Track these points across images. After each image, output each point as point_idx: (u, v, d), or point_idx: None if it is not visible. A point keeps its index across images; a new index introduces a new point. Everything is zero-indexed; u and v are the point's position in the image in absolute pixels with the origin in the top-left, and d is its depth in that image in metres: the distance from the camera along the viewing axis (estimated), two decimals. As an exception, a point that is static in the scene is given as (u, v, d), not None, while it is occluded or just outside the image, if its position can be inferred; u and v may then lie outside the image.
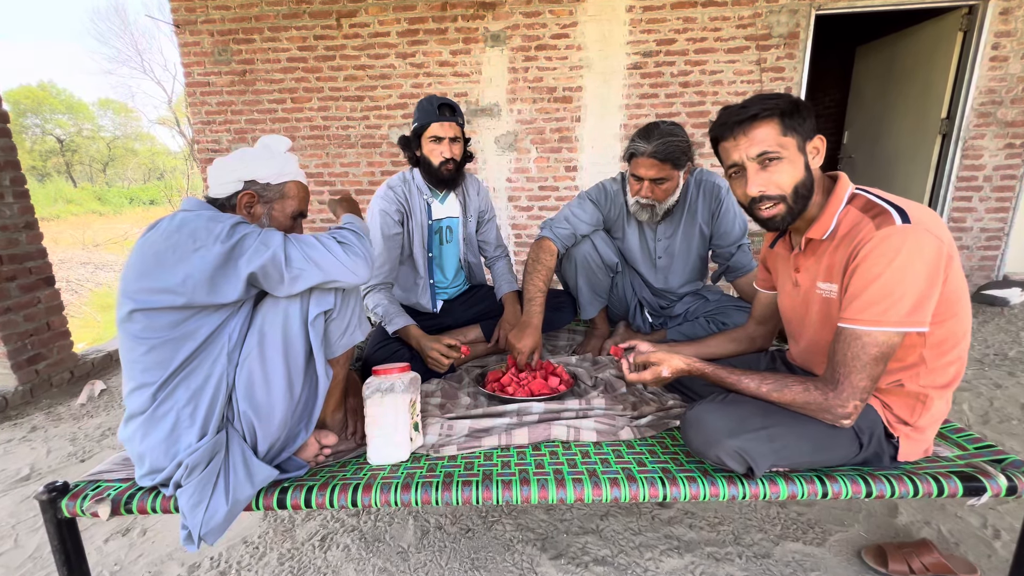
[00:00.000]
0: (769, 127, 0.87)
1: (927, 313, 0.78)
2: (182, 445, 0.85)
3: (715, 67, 3.37)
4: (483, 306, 1.79)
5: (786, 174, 0.87)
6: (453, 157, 1.53)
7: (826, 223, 0.89)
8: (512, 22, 3.44)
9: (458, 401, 1.30)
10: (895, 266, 0.76)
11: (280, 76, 3.68)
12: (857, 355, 0.79)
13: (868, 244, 0.79)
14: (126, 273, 0.85)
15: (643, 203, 1.48)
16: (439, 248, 1.71)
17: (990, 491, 0.84)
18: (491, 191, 3.78)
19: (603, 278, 1.64)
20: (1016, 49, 3.13)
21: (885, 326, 0.78)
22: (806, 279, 0.96)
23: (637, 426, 1.10)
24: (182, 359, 0.86)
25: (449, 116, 1.53)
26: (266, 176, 0.99)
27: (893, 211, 0.80)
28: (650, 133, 1.39)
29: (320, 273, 0.90)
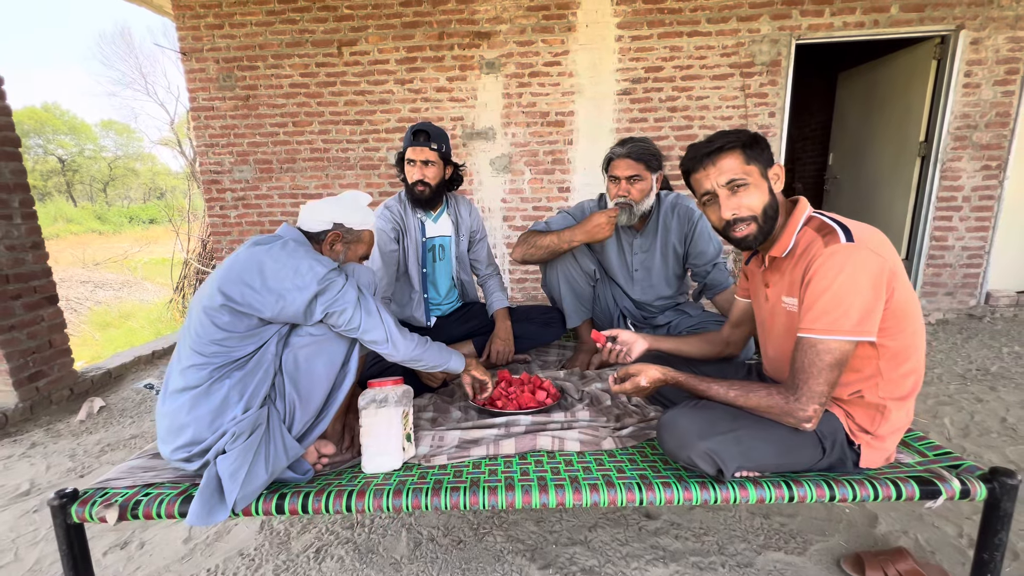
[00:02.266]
0: (733, 157, 0.96)
1: (874, 323, 0.85)
2: (227, 417, 0.94)
3: (701, 93, 3.51)
4: (475, 322, 1.85)
5: (754, 197, 0.96)
6: (423, 179, 1.62)
7: (786, 242, 0.98)
8: (506, 50, 3.58)
9: (449, 415, 1.36)
10: (841, 280, 0.84)
11: (282, 101, 3.81)
12: (813, 361, 0.86)
13: (818, 260, 0.88)
14: (230, 270, 0.99)
15: (621, 202, 1.59)
16: (432, 265, 1.79)
17: (945, 494, 0.90)
18: (486, 211, 3.87)
19: (584, 285, 1.72)
20: (987, 76, 3.28)
21: (837, 334, 0.85)
22: (773, 294, 1.04)
23: (619, 436, 1.16)
24: (247, 352, 0.99)
25: (422, 141, 1.62)
26: (351, 222, 1.19)
27: (840, 230, 0.88)
28: (624, 142, 1.57)
29: (368, 339, 1.07)
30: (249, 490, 0.90)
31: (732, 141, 0.96)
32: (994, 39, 3.22)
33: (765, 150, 0.97)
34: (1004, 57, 3.24)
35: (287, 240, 1.05)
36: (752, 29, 3.38)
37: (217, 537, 1.45)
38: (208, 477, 0.90)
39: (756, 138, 0.96)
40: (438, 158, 1.68)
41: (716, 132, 1.00)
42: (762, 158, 0.96)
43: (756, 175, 0.96)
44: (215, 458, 0.92)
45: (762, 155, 0.96)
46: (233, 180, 3.97)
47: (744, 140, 0.96)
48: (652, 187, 1.59)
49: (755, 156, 0.96)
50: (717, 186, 0.98)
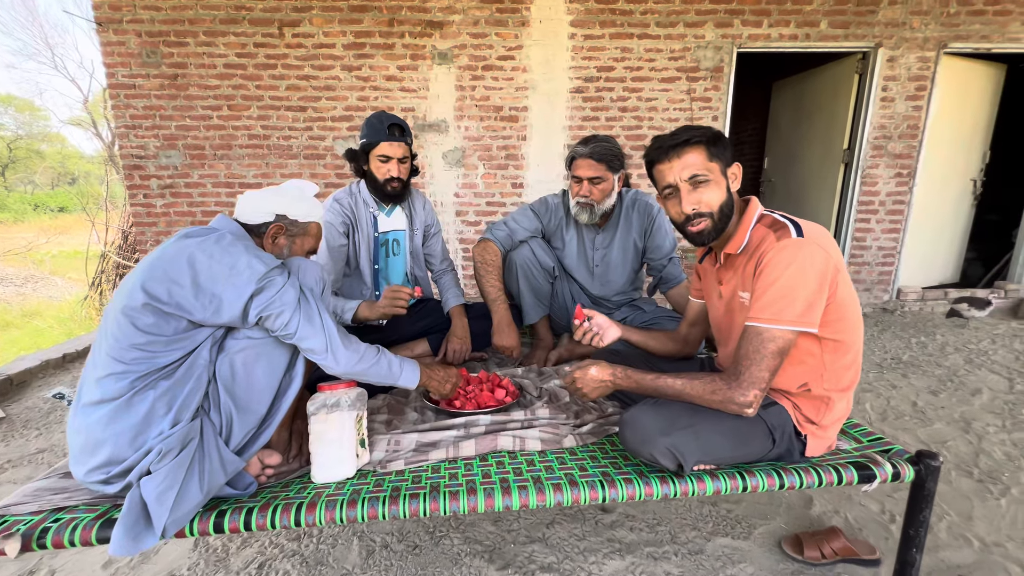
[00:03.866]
0: (698, 152, 0.98)
1: (816, 316, 0.90)
2: (152, 433, 0.84)
3: (650, 95, 3.61)
4: (430, 320, 1.80)
5: (713, 194, 0.99)
6: (399, 176, 1.56)
7: (740, 239, 1.01)
8: (459, 41, 3.51)
9: (405, 416, 1.30)
10: (789, 272, 0.89)
11: (216, 82, 3.53)
12: (757, 349, 0.90)
13: (769, 253, 0.92)
14: (156, 265, 0.88)
15: (583, 202, 1.59)
16: (385, 261, 1.71)
17: (879, 477, 0.97)
18: (439, 205, 3.79)
19: (543, 282, 1.71)
20: (901, 92, 3.60)
21: (782, 324, 0.89)
22: (728, 290, 1.07)
23: (579, 434, 1.16)
24: (175, 359, 0.89)
25: (399, 136, 1.55)
26: (296, 214, 1.09)
27: (791, 226, 0.93)
28: (588, 140, 1.56)
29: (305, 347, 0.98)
30: (180, 513, 0.81)
31: (697, 136, 0.98)
32: (906, 58, 3.54)
33: (727, 148, 0.99)
34: (915, 75, 3.57)
35: (223, 233, 0.95)
36: (698, 35, 3.52)
37: (143, 559, 1.31)
38: (131, 501, 0.80)
39: (719, 136, 0.99)
40: (410, 153, 1.62)
41: (682, 126, 1.01)
42: (724, 156, 0.99)
43: (717, 172, 0.99)
44: (139, 480, 0.82)
45: (724, 153, 0.99)
46: (159, 166, 3.64)
47: (708, 136, 0.98)
48: (614, 187, 1.61)
49: (717, 153, 0.98)
50: (680, 180, 0.99)
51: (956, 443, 1.99)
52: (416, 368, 1.15)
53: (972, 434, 2.06)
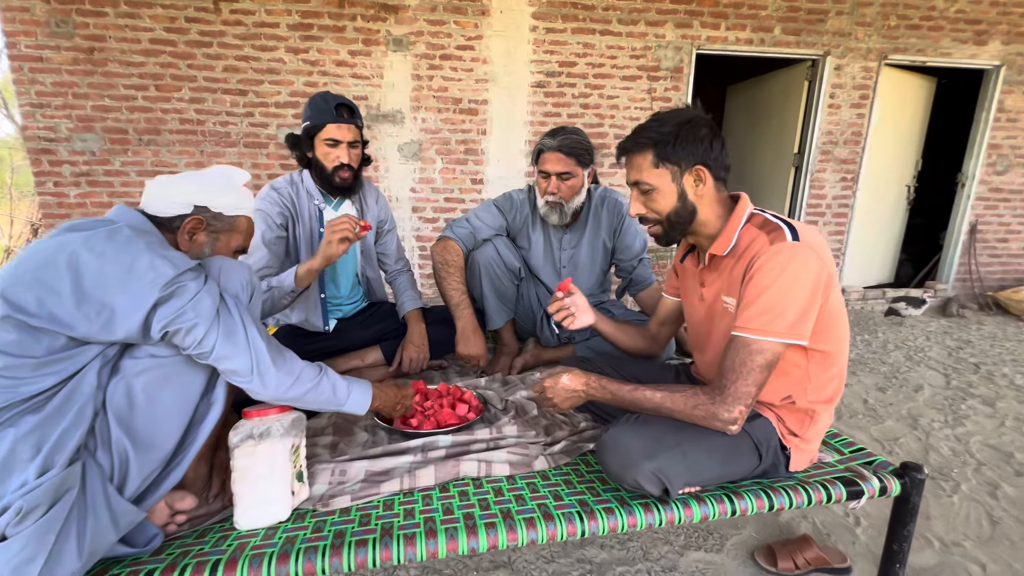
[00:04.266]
0: (642, 158, 0.93)
1: (807, 327, 0.84)
2: (12, 484, 0.65)
3: (612, 92, 3.57)
4: (384, 325, 1.64)
5: (658, 203, 0.95)
6: (350, 163, 1.39)
7: (727, 240, 0.93)
8: (416, 28, 3.33)
9: (354, 438, 1.14)
10: (783, 280, 0.82)
11: (141, 59, 3.17)
12: (744, 361, 0.82)
13: (763, 257, 0.85)
14: (22, 267, 0.69)
15: (552, 201, 1.48)
16: (332, 261, 1.54)
17: (866, 493, 0.92)
18: (394, 200, 3.59)
19: (508, 284, 1.60)
20: (846, 99, 3.75)
21: (771, 335, 0.82)
22: (711, 293, 1.00)
23: (551, 454, 1.05)
24: (46, 387, 0.69)
25: (348, 118, 1.38)
26: (220, 205, 0.93)
27: (786, 229, 0.86)
28: (556, 132, 1.46)
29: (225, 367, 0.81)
30: None
31: (644, 141, 0.92)
32: (852, 67, 3.68)
33: (688, 147, 0.91)
34: (859, 83, 3.72)
35: (119, 227, 0.76)
36: (659, 35, 3.50)
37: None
38: None
39: (676, 136, 0.90)
40: (360, 138, 1.45)
41: (649, 119, 0.94)
42: (678, 157, 0.91)
43: (666, 179, 0.93)
44: None
45: (679, 154, 0.91)
46: (73, 151, 3.23)
47: (658, 139, 0.91)
48: (583, 183, 1.51)
49: (668, 156, 0.91)
50: (629, 182, 0.97)
51: (907, 440, 2.05)
52: (366, 390, 0.99)
53: (920, 430, 2.13)
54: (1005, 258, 4.24)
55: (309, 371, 0.89)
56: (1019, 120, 3.93)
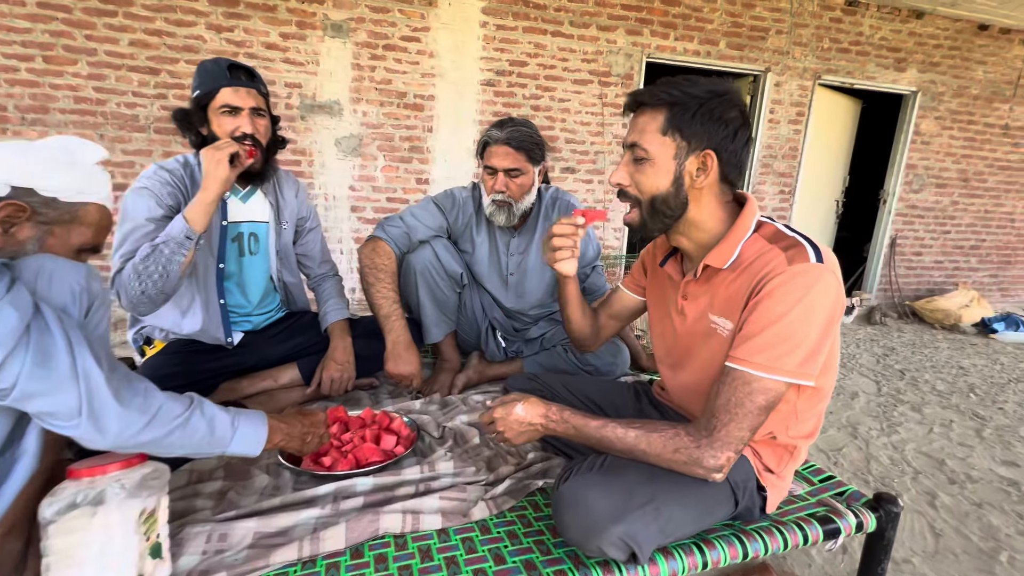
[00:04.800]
0: (651, 118, 0.77)
1: (816, 366, 0.71)
2: None
3: (563, 95, 3.49)
4: (303, 338, 1.41)
5: (647, 179, 0.79)
6: (254, 134, 1.16)
7: (728, 251, 0.79)
8: (356, 14, 3.09)
9: (250, 484, 0.92)
10: (800, 308, 0.68)
11: (26, 24, 2.71)
12: (741, 401, 0.69)
13: (778, 278, 0.70)
14: None
15: (499, 200, 1.32)
16: (238, 261, 1.29)
17: (843, 531, 0.82)
18: (331, 199, 3.31)
19: (448, 292, 1.42)
20: (784, 115, 3.89)
21: (776, 374, 0.69)
22: (694, 309, 0.85)
23: (493, 497, 0.88)
24: None
25: (245, 80, 1.16)
26: (54, 188, 0.70)
27: (808, 247, 0.72)
28: (504, 124, 1.31)
29: (36, 410, 0.59)
30: None
31: (662, 97, 0.75)
32: (790, 84, 3.83)
33: (705, 126, 0.74)
34: (796, 100, 3.87)
35: None
36: (610, 40, 3.47)
37: None
38: None
39: (703, 105, 0.74)
40: (266, 106, 1.22)
41: (682, 77, 0.78)
42: (690, 133, 0.75)
43: (666, 154, 0.76)
44: None
45: (693, 129, 0.75)
46: (-69, 127, 2.71)
47: (679, 100, 0.74)
48: (534, 182, 1.36)
49: (680, 127, 0.75)
50: (626, 144, 0.80)
51: (849, 450, 2.06)
52: (259, 425, 0.77)
53: (860, 439, 2.15)
54: (920, 270, 4.57)
55: (173, 406, 0.67)
56: (932, 143, 4.25)
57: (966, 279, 4.71)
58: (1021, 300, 5.02)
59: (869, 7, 3.81)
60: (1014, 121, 4.38)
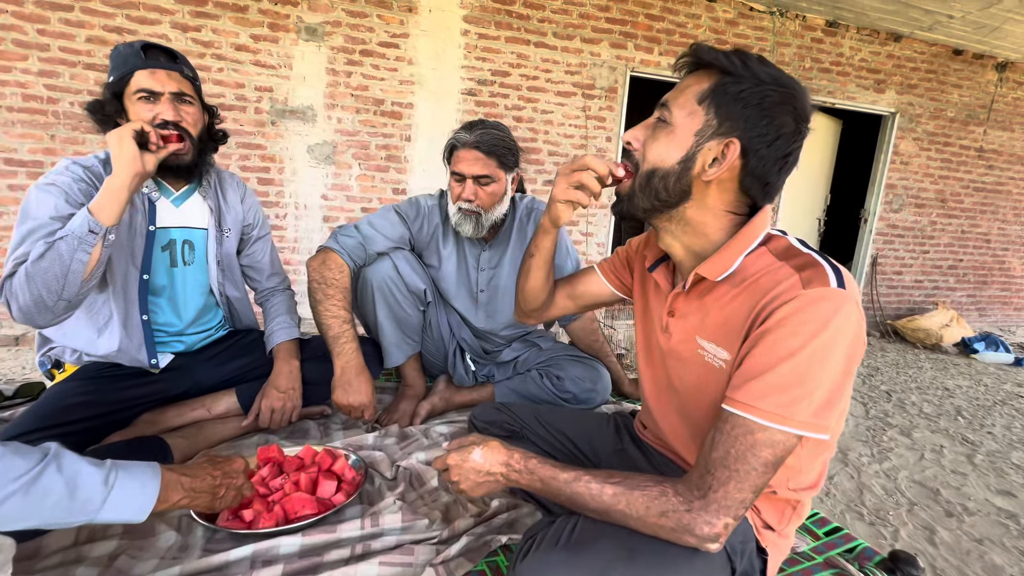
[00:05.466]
0: (697, 80, 0.65)
1: (833, 416, 0.58)
2: None
3: (546, 107, 3.41)
4: (246, 361, 1.25)
5: (658, 146, 0.66)
6: (180, 122, 1.02)
7: (725, 262, 0.65)
8: (333, 17, 2.98)
9: (152, 543, 0.75)
10: (818, 344, 0.55)
11: (-30, 17, 2.53)
12: (743, 455, 0.56)
13: (790, 305, 0.56)
14: None
15: (466, 209, 1.19)
16: (169, 272, 1.13)
17: (857, 601, 0.70)
18: (301, 208, 3.15)
19: (410, 310, 1.27)
20: (768, 133, 3.87)
21: (787, 424, 0.56)
22: (681, 329, 0.72)
23: (445, 561, 0.73)
24: None
25: (165, 62, 1.02)
26: None
27: (828, 268, 0.59)
28: (473, 125, 1.19)
29: None
30: None
31: (722, 62, 0.62)
32: (773, 102, 3.82)
33: (749, 108, 0.61)
34: (779, 118, 3.86)
35: None
36: (594, 52, 3.42)
37: None
38: None
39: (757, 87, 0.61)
40: (194, 92, 1.08)
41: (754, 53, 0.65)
42: (729, 111, 0.62)
43: (692, 125, 0.64)
44: None
45: (735, 107, 0.62)
46: None
47: (736, 69, 0.61)
48: (506, 190, 1.24)
49: (722, 101, 0.62)
50: (660, 104, 0.67)
51: (840, 478, 1.95)
52: (148, 481, 0.61)
53: (851, 467, 2.05)
54: (900, 289, 4.58)
55: (13, 462, 0.52)
56: (910, 164, 4.29)
57: (944, 299, 4.74)
58: (997, 320, 5.07)
59: (849, 29, 3.86)
60: (988, 144, 4.46)
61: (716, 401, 0.64)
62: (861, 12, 3.60)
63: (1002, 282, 4.94)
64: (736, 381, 0.60)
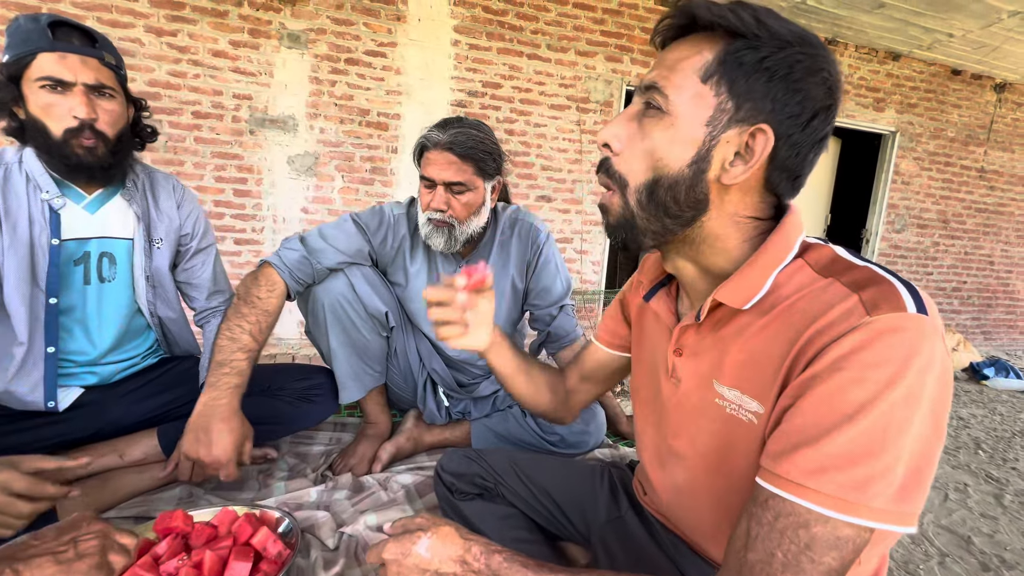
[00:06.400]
0: (694, 49, 0.48)
1: (923, 495, 0.40)
2: None
3: (539, 120, 3.29)
4: (177, 394, 1.06)
5: (656, 144, 0.48)
6: (91, 119, 0.85)
7: (754, 282, 0.48)
8: (318, 25, 2.86)
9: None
10: (899, 394, 0.38)
11: (-72, 16, 2.39)
12: (797, 561, 0.38)
13: (851, 338, 0.40)
14: None
15: (436, 220, 1.01)
16: (82, 291, 0.95)
17: None
18: (279, 222, 2.98)
19: (369, 336, 1.08)
20: (767, 150, 3.77)
21: (860, 515, 0.38)
22: (693, 373, 0.55)
23: None
24: None
25: (81, 45, 0.86)
26: None
27: (900, 286, 0.43)
28: (448, 123, 1.02)
29: None
30: None
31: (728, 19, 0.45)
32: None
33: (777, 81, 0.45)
34: (778, 136, 3.76)
35: None
36: (589, 65, 3.32)
37: None
38: None
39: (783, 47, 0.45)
40: (117, 83, 0.92)
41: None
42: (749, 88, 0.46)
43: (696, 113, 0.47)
44: None
45: (754, 83, 0.46)
46: None
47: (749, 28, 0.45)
48: (485, 200, 1.06)
49: (736, 75, 0.46)
50: (643, 85, 0.50)
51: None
52: None
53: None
54: (904, 312, 4.43)
55: None
56: (912, 183, 4.20)
57: (949, 322, 4.60)
58: (1003, 344, 4.93)
59: (848, 46, 3.80)
60: (989, 165, 4.39)
61: (747, 470, 0.46)
62: (860, 30, 3.54)
63: (1007, 305, 4.82)
64: (777, 446, 0.43)
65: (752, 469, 0.46)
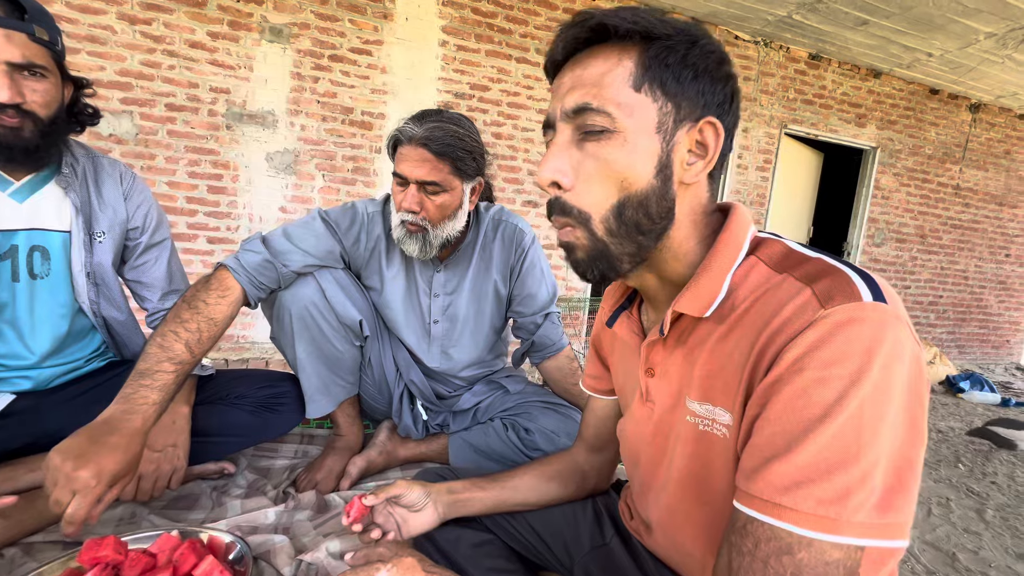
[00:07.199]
0: (612, 62, 0.44)
1: (911, 500, 0.36)
2: None
3: (527, 124, 3.25)
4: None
5: (613, 166, 0.44)
6: (18, 102, 0.76)
7: (711, 287, 0.45)
8: (301, 19, 2.78)
9: None
10: (865, 391, 0.35)
11: None
12: None
13: (806, 336, 0.37)
14: None
15: (409, 222, 0.92)
16: (10, 288, 0.86)
17: None
18: (256, 220, 2.87)
19: (341, 347, 1.00)
20: (752, 161, 3.80)
21: (843, 532, 0.34)
22: (665, 392, 0.51)
23: None
24: None
25: (7, 19, 0.77)
26: None
27: (853, 275, 0.39)
28: (425, 116, 0.93)
29: None
30: None
31: (639, 24, 0.42)
32: (757, 131, 3.76)
33: (700, 78, 0.44)
34: (763, 147, 3.80)
35: None
36: (577, 71, 3.29)
37: None
38: None
39: (694, 42, 0.44)
40: (51, 61, 0.83)
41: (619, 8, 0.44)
42: (682, 87, 0.44)
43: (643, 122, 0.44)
44: None
45: (685, 81, 0.44)
46: None
47: (659, 31, 0.43)
48: (463, 202, 0.98)
49: (665, 76, 0.44)
50: (560, 113, 0.46)
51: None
52: None
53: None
54: (883, 325, 4.50)
55: None
56: (891, 198, 4.28)
57: (926, 335, 4.68)
58: (976, 358, 5.04)
59: (831, 63, 3.86)
60: (964, 182, 4.50)
61: (729, 494, 0.42)
62: (843, 46, 3.59)
63: (980, 319, 4.93)
64: (750, 462, 0.39)
65: (717, 485, 0.43)
